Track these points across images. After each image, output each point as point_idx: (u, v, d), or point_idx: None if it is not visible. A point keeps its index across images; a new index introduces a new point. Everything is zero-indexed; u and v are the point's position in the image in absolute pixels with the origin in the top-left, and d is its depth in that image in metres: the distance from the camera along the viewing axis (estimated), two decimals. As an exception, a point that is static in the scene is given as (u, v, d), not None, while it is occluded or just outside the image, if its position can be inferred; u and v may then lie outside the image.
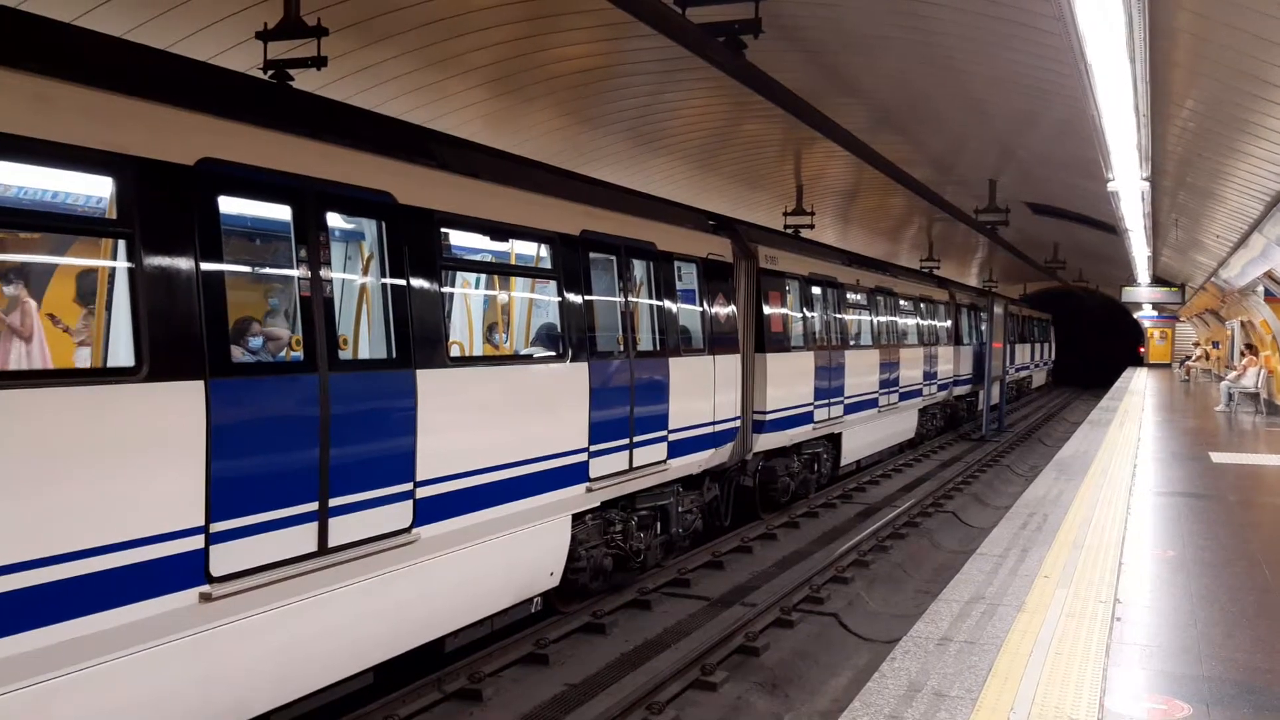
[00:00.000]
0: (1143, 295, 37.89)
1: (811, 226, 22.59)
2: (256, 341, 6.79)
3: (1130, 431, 19.10)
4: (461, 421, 7.81)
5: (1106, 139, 10.93)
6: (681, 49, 9.42)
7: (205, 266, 5.70)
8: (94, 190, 6.01)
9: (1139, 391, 31.95)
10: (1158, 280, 35.89)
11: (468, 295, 9.87)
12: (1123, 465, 14.32)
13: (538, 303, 10.21)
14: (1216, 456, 15.63)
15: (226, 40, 11.01)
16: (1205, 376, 40.12)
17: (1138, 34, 7.14)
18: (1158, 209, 19.25)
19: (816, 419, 16.09)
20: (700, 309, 11.88)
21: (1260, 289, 24.18)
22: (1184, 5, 8.69)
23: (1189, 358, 45.79)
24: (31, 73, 5.03)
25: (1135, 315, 52.48)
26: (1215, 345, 44.14)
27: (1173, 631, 6.80)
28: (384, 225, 7.19)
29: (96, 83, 5.34)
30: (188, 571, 5.56)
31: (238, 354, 6.28)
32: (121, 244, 5.41)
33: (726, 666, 9.08)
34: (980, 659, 6.06)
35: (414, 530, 7.17)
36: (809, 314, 16.08)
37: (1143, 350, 56.97)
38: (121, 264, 5.44)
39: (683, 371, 11.15)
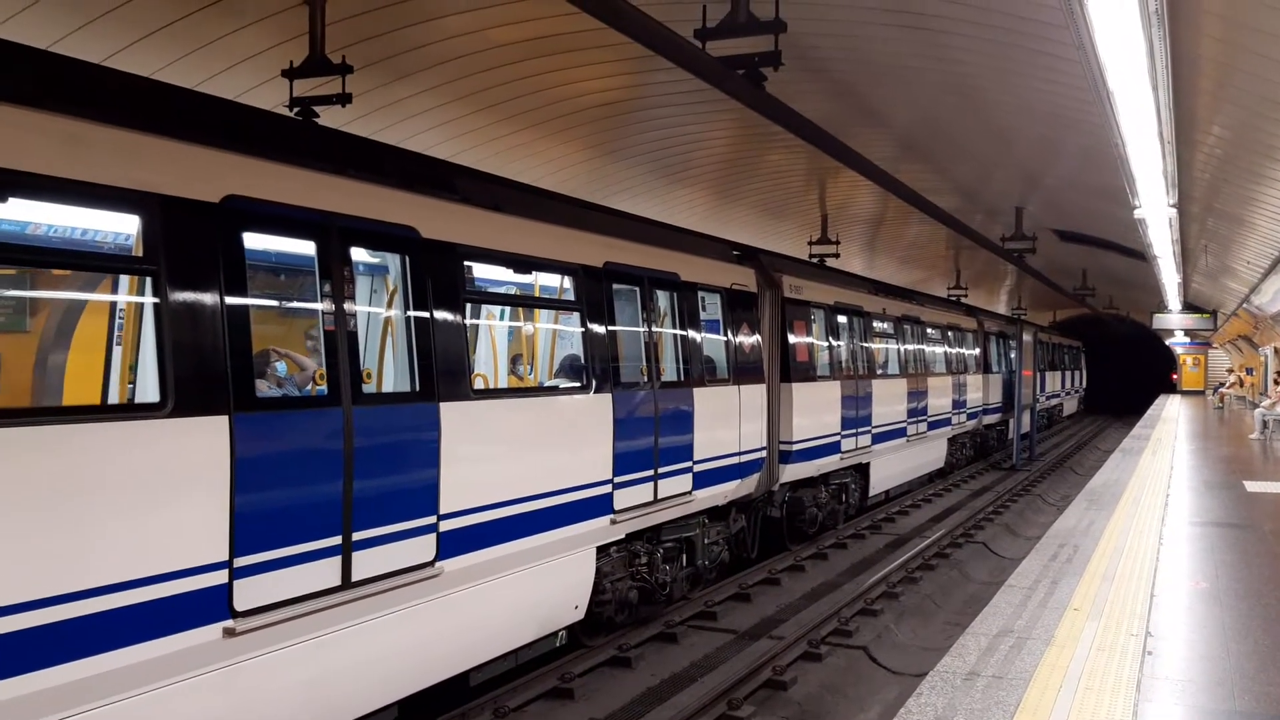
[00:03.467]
0: (1174, 322, 37.51)
1: (837, 255, 22.56)
2: (281, 375, 6.84)
3: (1163, 460, 18.86)
4: (485, 454, 7.82)
5: (1131, 166, 10.87)
6: (703, 81, 9.46)
7: (230, 302, 5.76)
8: (121, 228, 6.09)
9: (1171, 419, 31.58)
10: (1189, 306, 35.55)
11: (491, 327, 9.91)
12: (1155, 494, 14.13)
13: (561, 334, 10.23)
14: (1251, 485, 15.39)
15: (253, 78, 11.17)
16: (1239, 403, 39.61)
17: (1159, 62, 7.11)
18: (1186, 235, 19.12)
19: (844, 449, 16.00)
20: (725, 339, 11.87)
21: (1293, 315, 23.90)
22: (1206, 32, 8.66)
23: (1222, 384, 45.27)
24: (63, 114, 5.12)
25: (1167, 342, 51.98)
26: (1249, 372, 43.63)
27: (1205, 665, 6.67)
28: (408, 259, 7.24)
29: (125, 122, 5.43)
30: (212, 606, 5.59)
31: (262, 388, 6.33)
32: (148, 281, 5.48)
33: (754, 701, 8.99)
34: (1008, 694, 5.97)
35: (437, 564, 7.17)
36: (835, 343, 16.03)
37: (1175, 377, 56.39)
38: (148, 300, 5.51)
39: (707, 402, 11.13)
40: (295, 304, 7.20)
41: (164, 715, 5.43)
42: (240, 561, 5.72)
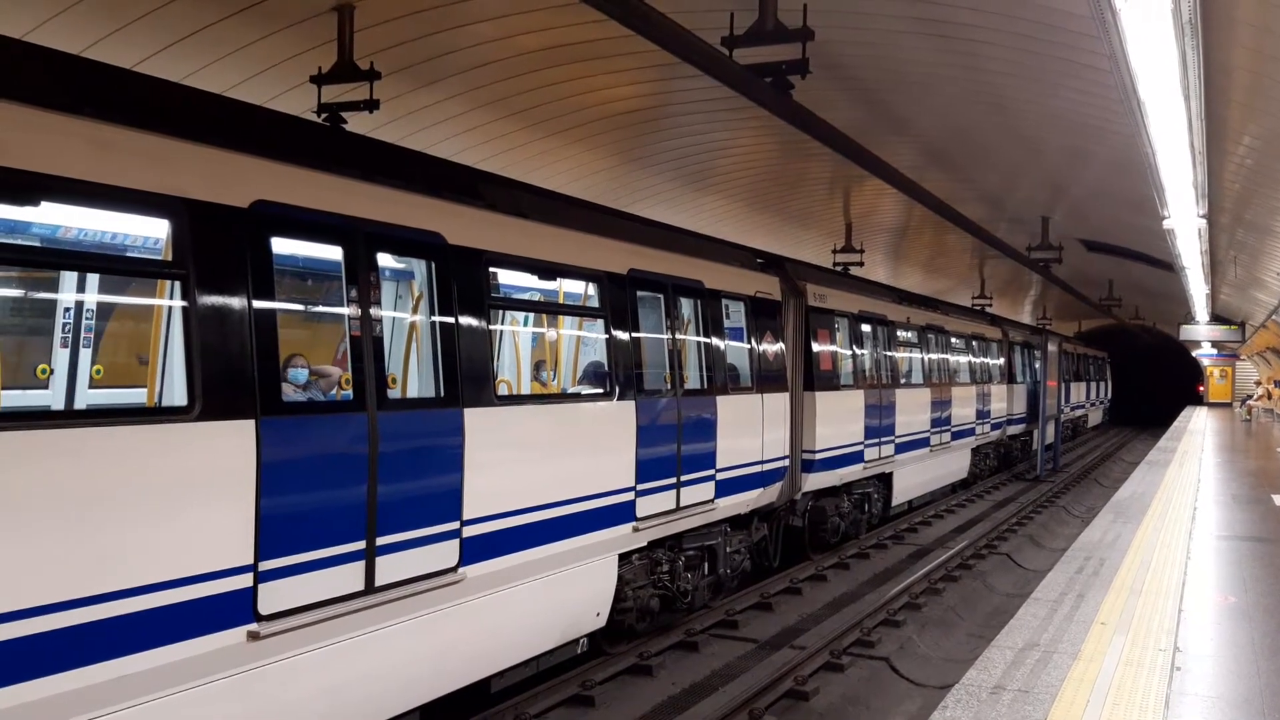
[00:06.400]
0: (1201, 333, 37.23)
1: (861, 264, 22.50)
2: (305, 379, 6.86)
3: (1189, 472, 18.68)
4: (508, 460, 7.81)
5: (1161, 176, 10.78)
6: (729, 89, 9.45)
7: (258, 307, 5.77)
8: (150, 232, 6.12)
9: (1198, 431, 31.28)
10: (1217, 318, 35.27)
11: (516, 333, 9.91)
12: (1182, 507, 13.99)
13: (585, 341, 10.22)
14: (1280, 499, 15.24)
15: (282, 84, 11.24)
16: (1267, 416, 39.20)
17: (1192, 72, 7.05)
18: (1215, 246, 18.95)
19: (867, 458, 15.92)
20: (748, 347, 11.84)
21: (1323, 327, 23.65)
22: (1239, 42, 8.59)
23: (1250, 396, 44.83)
24: (92, 118, 5.16)
25: (1194, 353, 51.55)
26: (1277, 384, 43.20)
27: (1235, 681, 6.59)
28: (434, 265, 7.25)
29: (155, 127, 5.46)
30: (236, 610, 5.60)
31: (288, 393, 6.35)
32: (176, 285, 5.50)
33: (775, 711, 8.94)
34: (1034, 709, 5.91)
35: (460, 569, 7.17)
36: (859, 352, 15.96)
37: (1202, 389, 55.91)
38: (176, 304, 5.54)
39: (730, 410, 11.09)
40: (322, 309, 7.22)
41: (187, 718, 5.44)
42: (265, 565, 5.73)
